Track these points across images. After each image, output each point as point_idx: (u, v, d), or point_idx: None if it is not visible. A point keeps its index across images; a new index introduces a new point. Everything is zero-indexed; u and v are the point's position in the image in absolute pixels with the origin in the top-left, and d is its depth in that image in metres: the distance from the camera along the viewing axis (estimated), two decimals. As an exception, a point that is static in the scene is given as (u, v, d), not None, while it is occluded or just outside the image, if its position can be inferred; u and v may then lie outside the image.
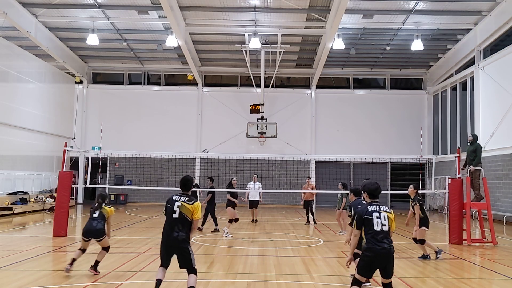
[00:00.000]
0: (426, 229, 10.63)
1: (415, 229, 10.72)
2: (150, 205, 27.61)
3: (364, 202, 6.87)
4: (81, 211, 23.72)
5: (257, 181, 18.21)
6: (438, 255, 10.46)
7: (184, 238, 6.74)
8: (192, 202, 6.83)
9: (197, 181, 26.03)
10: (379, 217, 5.94)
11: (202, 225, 15.52)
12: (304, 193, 18.18)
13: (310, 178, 18.74)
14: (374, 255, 5.88)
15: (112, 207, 9.29)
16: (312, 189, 18.41)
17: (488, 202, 13.57)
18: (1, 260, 9.57)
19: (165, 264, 6.95)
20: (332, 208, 23.39)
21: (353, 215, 6.81)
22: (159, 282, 6.79)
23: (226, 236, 13.71)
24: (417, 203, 10.50)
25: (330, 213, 22.05)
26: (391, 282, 6.10)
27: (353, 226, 6.26)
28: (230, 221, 14.09)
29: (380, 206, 6.07)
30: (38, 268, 9.05)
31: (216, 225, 15.18)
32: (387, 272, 6.05)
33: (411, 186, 10.77)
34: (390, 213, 6.11)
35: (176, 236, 6.70)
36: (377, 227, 5.89)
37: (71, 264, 8.39)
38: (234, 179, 15.82)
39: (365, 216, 5.98)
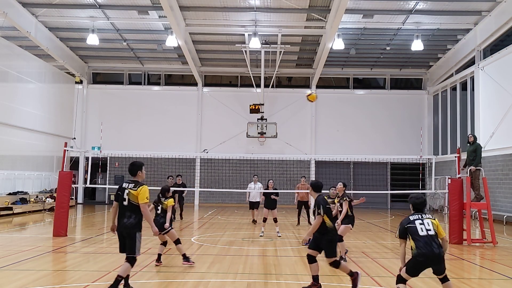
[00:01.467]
0: (351, 227, 10.45)
1: (337, 224, 10.50)
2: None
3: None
4: (81, 211, 23.72)
5: (258, 182, 18.15)
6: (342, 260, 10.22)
7: (133, 224, 6.91)
8: (137, 188, 6.95)
9: (197, 181, 26.09)
10: (422, 224, 6.30)
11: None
12: (298, 193, 18.01)
13: (305, 178, 18.58)
14: (424, 259, 6.22)
15: (171, 199, 9.96)
16: (308, 189, 18.26)
17: (488, 202, 13.57)
18: (1, 260, 9.57)
19: (122, 251, 7.13)
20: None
21: (318, 211, 7.26)
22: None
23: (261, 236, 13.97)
24: (346, 198, 10.44)
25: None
26: (445, 275, 6.66)
27: (396, 236, 6.61)
28: (264, 220, 14.32)
29: (423, 215, 6.44)
30: (38, 268, 9.05)
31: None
32: (439, 271, 6.57)
33: (340, 183, 10.75)
34: (434, 220, 6.45)
35: (125, 222, 6.92)
36: (422, 233, 6.23)
37: (158, 260, 9.24)
38: (271, 181, 15.86)
39: (407, 225, 6.34)
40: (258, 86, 27.68)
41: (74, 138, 28.62)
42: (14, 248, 11.22)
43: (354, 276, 7.32)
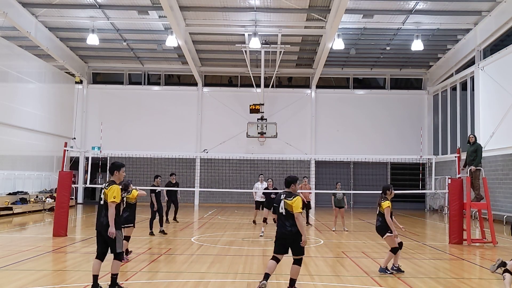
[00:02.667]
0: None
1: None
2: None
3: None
4: (81, 211, 23.72)
5: (264, 182, 18.14)
6: None
7: (107, 222, 7.01)
8: (108, 187, 7.17)
9: (197, 181, 26.09)
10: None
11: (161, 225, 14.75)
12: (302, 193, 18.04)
13: (307, 178, 18.55)
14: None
15: (134, 190, 10.20)
16: (309, 189, 18.36)
17: (488, 202, 13.56)
18: (1, 260, 9.57)
19: (99, 249, 7.20)
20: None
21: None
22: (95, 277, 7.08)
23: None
24: None
25: (330, 213, 22.03)
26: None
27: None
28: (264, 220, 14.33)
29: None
30: (38, 268, 9.04)
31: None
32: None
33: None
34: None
35: (102, 221, 7.07)
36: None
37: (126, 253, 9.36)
38: (270, 180, 15.89)
39: None
40: (258, 86, 27.68)
41: (74, 138, 28.62)
42: (14, 248, 11.22)
43: None
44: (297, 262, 7.24)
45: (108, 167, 7.52)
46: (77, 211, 23.25)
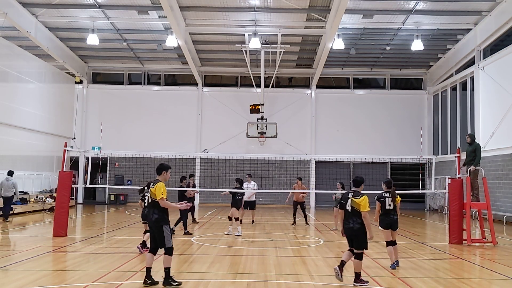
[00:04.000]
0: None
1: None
2: (150, 205, 27.58)
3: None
4: (81, 211, 23.72)
5: (252, 181, 18.13)
6: None
7: (158, 219, 7.58)
8: (154, 185, 7.69)
9: (197, 181, 26.05)
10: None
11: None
12: (293, 193, 17.86)
13: (301, 180, 18.38)
14: None
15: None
16: (303, 189, 18.18)
17: (488, 202, 13.56)
18: (1, 260, 9.57)
19: (152, 244, 7.80)
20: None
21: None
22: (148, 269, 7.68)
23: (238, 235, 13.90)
24: None
25: (330, 213, 22.03)
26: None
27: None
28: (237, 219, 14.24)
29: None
30: (38, 268, 9.04)
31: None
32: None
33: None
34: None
35: (151, 218, 7.65)
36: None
37: (144, 246, 10.42)
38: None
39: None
40: (258, 86, 27.68)
41: (74, 138, 28.62)
42: (14, 248, 11.22)
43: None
44: (357, 256, 7.84)
45: (156, 167, 7.99)
46: (77, 211, 23.25)
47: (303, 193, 17.63)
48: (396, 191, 10.05)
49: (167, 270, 7.54)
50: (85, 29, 23.66)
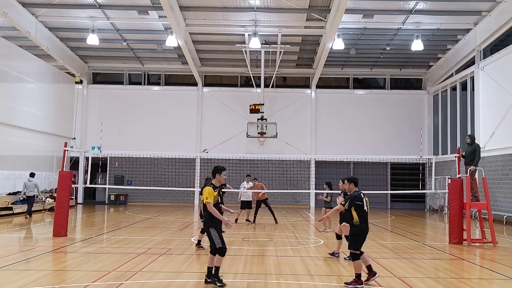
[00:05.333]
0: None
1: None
2: (150, 205, 27.62)
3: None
4: (81, 211, 23.72)
5: (250, 182, 18.26)
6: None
7: (206, 220, 7.77)
8: (202, 188, 7.92)
9: (197, 181, 26.06)
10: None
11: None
12: (254, 193, 17.92)
13: (256, 180, 18.45)
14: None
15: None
16: (261, 188, 18.19)
17: (488, 202, 13.56)
18: (1, 260, 9.57)
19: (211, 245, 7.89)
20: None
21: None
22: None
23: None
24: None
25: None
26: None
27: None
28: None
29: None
30: (38, 268, 9.04)
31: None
32: None
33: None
34: None
35: (202, 219, 8.05)
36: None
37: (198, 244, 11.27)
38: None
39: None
40: (258, 86, 27.68)
41: (74, 138, 28.62)
42: (14, 248, 11.22)
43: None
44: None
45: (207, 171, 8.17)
46: (77, 211, 23.25)
47: (261, 192, 17.76)
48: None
49: (216, 268, 7.61)
50: (85, 29, 23.66)
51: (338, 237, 10.68)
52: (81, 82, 29.51)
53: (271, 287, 7.69)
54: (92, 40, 23.44)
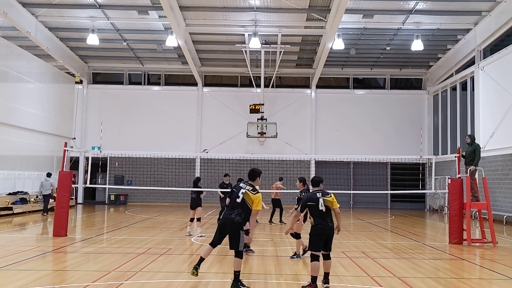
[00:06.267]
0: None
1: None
2: (150, 205, 27.63)
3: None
4: (81, 211, 23.73)
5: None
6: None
7: (240, 222, 7.53)
8: (256, 192, 7.64)
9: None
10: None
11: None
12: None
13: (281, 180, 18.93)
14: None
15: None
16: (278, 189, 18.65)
17: (488, 202, 13.56)
18: (1, 260, 9.57)
19: (215, 240, 7.84)
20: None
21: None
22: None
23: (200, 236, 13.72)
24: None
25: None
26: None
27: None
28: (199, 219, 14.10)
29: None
30: (38, 268, 9.04)
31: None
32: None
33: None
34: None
35: (233, 218, 7.54)
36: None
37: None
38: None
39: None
40: (258, 86, 27.68)
41: (74, 138, 28.62)
42: (14, 248, 11.22)
43: None
44: (329, 256, 7.74)
45: (248, 173, 7.98)
46: (77, 211, 23.25)
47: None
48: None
49: (237, 274, 7.49)
50: (85, 29, 23.66)
51: (296, 236, 10.46)
52: (81, 82, 29.51)
53: (271, 287, 7.69)
54: (92, 40, 23.45)
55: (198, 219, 13.99)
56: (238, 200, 7.54)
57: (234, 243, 7.52)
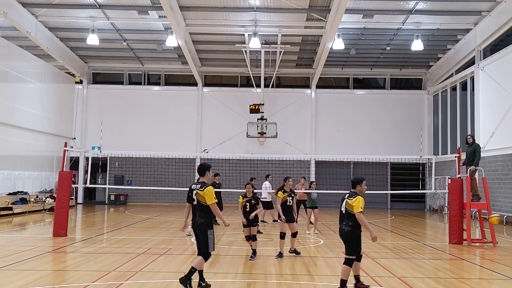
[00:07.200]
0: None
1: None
2: (150, 205, 27.62)
3: None
4: (81, 211, 23.72)
5: (267, 181, 18.38)
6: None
7: (203, 223, 7.39)
8: (203, 188, 7.41)
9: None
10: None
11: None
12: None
13: (305, 179, 18.61)
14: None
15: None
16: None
17: (488, 202, 13.56)
18: (1, 260, 9.57)
19: (198, 246, 7.60)
20: (333, 208, 23.51)
21: None
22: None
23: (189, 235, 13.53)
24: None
25: (330, 213, 22.06)
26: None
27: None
28: None
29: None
30: (38, 268, 9.04)
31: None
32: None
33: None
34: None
35: (197, 221, 7.44)
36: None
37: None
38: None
39: None
40: (258, 86, 27.67)
41: (74, 138, 28.62)
42: (14, 248, 11.22)
43: None
44: (347, 261, 7.35)
45: (197, 169, 7.79)
46: (77, 211, 23.25)
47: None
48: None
49: (193, 270, 7.29)
50: (85, 29, 23.66)
51: (281, 236, 10.55)
52: (81, 82, 29.51)
53: (271, 287, 7.69)
54: (92, 40, 23.45)
55: None
56: (195, 203, 7.45)
57: (203, 243, 7.37)
